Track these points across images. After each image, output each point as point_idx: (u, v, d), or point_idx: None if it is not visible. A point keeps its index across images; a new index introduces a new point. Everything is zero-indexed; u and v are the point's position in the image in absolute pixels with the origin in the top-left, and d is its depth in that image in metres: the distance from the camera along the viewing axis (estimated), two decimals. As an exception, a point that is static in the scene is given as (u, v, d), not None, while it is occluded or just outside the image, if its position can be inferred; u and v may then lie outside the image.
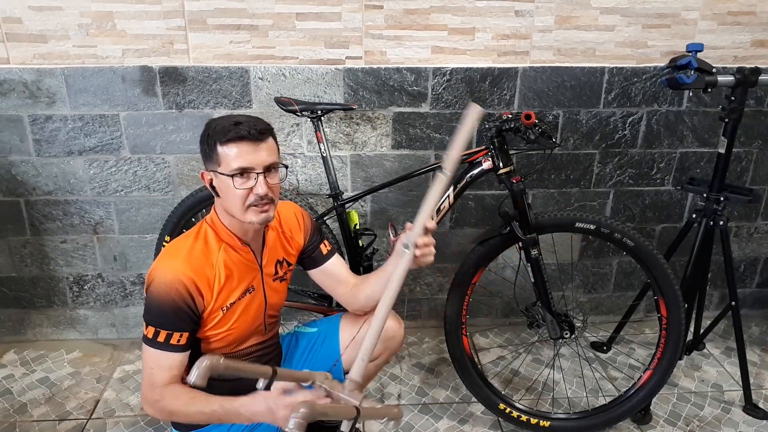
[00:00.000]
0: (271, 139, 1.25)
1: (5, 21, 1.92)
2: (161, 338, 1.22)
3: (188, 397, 1.24)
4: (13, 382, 2.08)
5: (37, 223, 2.16)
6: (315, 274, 1.52)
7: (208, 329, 1.30)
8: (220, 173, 1.22)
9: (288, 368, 1.55)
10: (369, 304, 1.48)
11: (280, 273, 1.44)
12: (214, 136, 1.21)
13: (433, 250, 1.27)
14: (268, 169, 1.24)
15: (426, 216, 1.23)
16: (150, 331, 1.22)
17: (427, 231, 1.25)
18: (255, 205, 1.24)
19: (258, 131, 1.21)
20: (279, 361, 1.54)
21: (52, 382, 2.08)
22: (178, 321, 1.23)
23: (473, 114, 1.22)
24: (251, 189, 1.22)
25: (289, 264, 1.46)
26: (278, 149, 1.29)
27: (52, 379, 2.10)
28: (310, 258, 1.50)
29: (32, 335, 2.33)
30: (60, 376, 2.12)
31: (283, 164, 1.29)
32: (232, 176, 1.20)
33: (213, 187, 1.27)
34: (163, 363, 1.24)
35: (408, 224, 1.25)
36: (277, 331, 1.53)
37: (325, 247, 1.51)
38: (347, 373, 1.56)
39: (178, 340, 1.23)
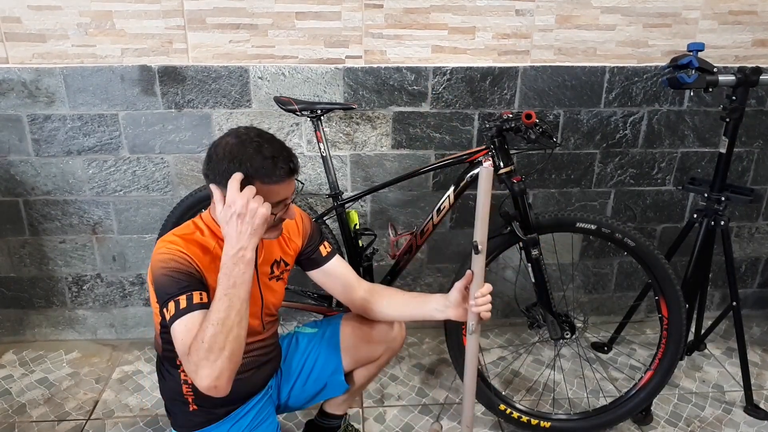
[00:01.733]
0: None
1: (4, 20, 1.91)
2: (183, 304, 1.14)
3: (204, 320, 1.13)
4: (12, 382, 2.08)
5: (35, 223, 2.16)
6: (316, 275, 1.51)
7: None
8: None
9: (287, 370, 1.55)
10: (386, 320, 1.49)
11: (276, 273, 1.42)
12: (254, 175, 1.14)
13: (489, 306, 1.29)
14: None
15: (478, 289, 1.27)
16: (171, 308, 1.14)
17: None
18: (274, 226, 1.24)
19: (295, 165, 1.20)
20: (279, 361, 1.53)
21: (51, 383, 2.08)
22: (192, 281, 1.16)
23: (485, 178, 1.19)
24: (277, 214, 1.21)
25: (286, 264, 1.45)
26: None
27: (51, 379, 2.10)
28: (309, 260, 1.49)
29: (31, 335, 2.32)
30: (59, 377, 2.11)
31: (300, 181, 1.28)
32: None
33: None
34: (192, 326, 1.13)
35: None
36: (276, 330, 1.52)
37: (324, 249, 1.49)
38: (348, 374, 1.56)
39: (201, 299, 1.15)
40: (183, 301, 1.14)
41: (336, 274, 1.50)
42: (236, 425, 1.38)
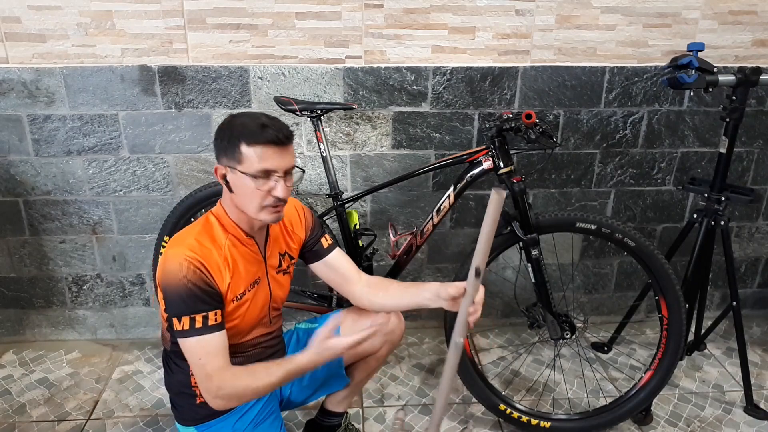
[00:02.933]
0: (292, 144, 1.27)
1: (4, 20, 1.91)
2: (198, 324, 1.20)
3: (247, 374, 1.24)
4: (12, 382, 2.08)
5: (35, 223, 2.16)
6: (318, 267, 1.53)
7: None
8: (242, 172, 1.21)
9: None
10: (384, 310, 1.51)
11: (284, 266, 1.45)
12: (239, 135, 1.20)
13: (478, 313, 1.28)
14: (287, 172, 1.25)
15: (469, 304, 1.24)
16: (185, 323, 1.20)
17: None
18: (270, 206, 1.26)
19: (285, 136, 1.22)
20: (283, 353, 1.55)
21: (51, 383, 2.08)
22: (208, 299, 1.21)
23: (495, 203, 1.16)
24: (270, 191, 1.23)
25: (291, 257, 1.47)
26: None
27: (51, 379, 2.10)
28: (311, 252, 1.51)
29: (31, 335, 2.32)
30: (59, 377, 2.11)
31: (300, 168, 1.29)
32: (254, 177, 1.21)
33: (227, 183, 1.26)
34: (210, 348, 1.21)
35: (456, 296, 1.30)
36: (281, 324, 1.55)
37: (326, 241, 1.52)
38: (348, 368, 1.57)
39: (215, 320, 1.22)
40: (199, 320, 1.20)
41: (337, 266, 1.52)
42: (241, 420, 1.38)
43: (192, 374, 1.35)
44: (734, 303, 1.90)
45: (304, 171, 1.36)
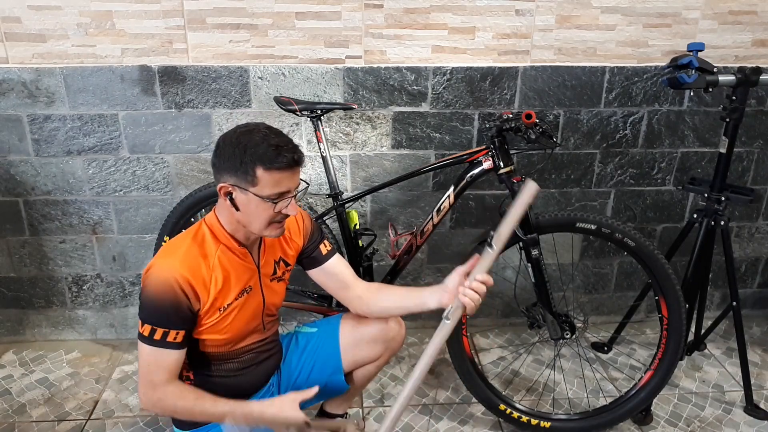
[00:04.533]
0: None
1: (4, 20, 1.91)
2: (158, 336, 1.22)
3: (194, 397, 1.25)
4: (12, 382, 2.08)
5: (35, 223, 2.16)
6: (315, 274, 1.51)
7: (206, 329, 1.29)
8: (255, 194, 1.21)
9: (287, 369, 1.56)
10: (382, 316, 1.50)
11: (279, 273, 1.43)
12: (255, 159, 1.18)
13: (477, 296, 1.31)
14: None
15: (480, 275, 1.31)
16: (146, 329, 1.22)
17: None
18: (276, 222, 1.26)
19: (300, 158, 1.23)
20: (279, 357, 1.54)
21: (51, 383, 2.08)
22: (174, 319, 1.22)
23: (529, 192, 1.24)
24: (280, 210, 1.24)
25: (287, 264, 1.46)
26: None
27: (51, 379, 2.10)
28: (309, 258, 1.49)
29: (31, 335, 2.32)
30: (59, 377, 2.11)
31: (305, 182, 1.30)
32: (268, 199, 1.21)
33: (232, 200, 1.24)
34: (161, 361, 1.24)
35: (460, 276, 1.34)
36: (277, 329, 1.53)
37: (324, 248, 1.50)
38: (348, 374, 1.56)
39: (175, 338, 1.23)
40: (158, 333, 1.22)
41: (335, 273, 1.50)
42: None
43: (185, 378, 1.36)
44: (734, 303, 1.90)
45: (308, 184, 1.36)
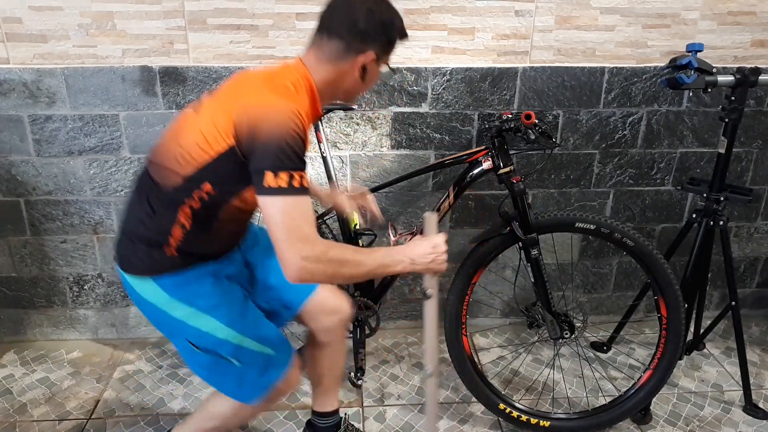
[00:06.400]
0: None
1: (5, 21, 1.92)
2: (296, 183, 1.07)
3: (352, 249, 1.17)
4: (13, 382, 2.08)
5: (37, 223, 2.16)
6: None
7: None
8: (386, 64, 1.28)
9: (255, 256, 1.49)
10: None
11: None
12: (399, 31, 1.25)
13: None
14: None
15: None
16: (283, 178, 1.06)
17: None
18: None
19: None
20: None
21: (52, 382, 2.08)
22: (304, 159, 1.11)
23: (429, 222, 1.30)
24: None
25: None
26: None
27: (52, 379, 2.10)
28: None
29: (32, 335, 2.33)
30: (60, 376, 2.12)
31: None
32: (387, 68, 1.30)
33: (364, 72, 1.24)
34: (307, 211, 1.09)
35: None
36: None
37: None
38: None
39: (307, 182, 1.12)
40: (297, 178, 1.08)
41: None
42: (203, 268, 1.28)
43: (180, 225, 1.21)
44: (733, 303, 1.90)
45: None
